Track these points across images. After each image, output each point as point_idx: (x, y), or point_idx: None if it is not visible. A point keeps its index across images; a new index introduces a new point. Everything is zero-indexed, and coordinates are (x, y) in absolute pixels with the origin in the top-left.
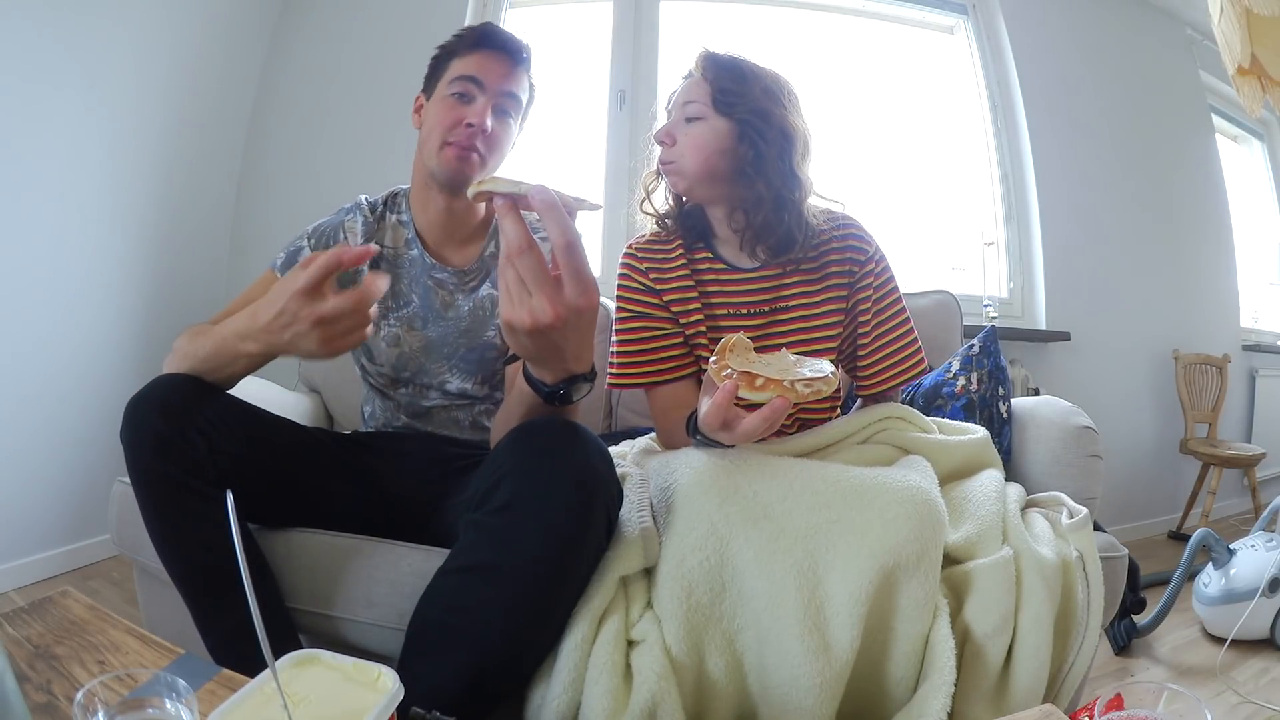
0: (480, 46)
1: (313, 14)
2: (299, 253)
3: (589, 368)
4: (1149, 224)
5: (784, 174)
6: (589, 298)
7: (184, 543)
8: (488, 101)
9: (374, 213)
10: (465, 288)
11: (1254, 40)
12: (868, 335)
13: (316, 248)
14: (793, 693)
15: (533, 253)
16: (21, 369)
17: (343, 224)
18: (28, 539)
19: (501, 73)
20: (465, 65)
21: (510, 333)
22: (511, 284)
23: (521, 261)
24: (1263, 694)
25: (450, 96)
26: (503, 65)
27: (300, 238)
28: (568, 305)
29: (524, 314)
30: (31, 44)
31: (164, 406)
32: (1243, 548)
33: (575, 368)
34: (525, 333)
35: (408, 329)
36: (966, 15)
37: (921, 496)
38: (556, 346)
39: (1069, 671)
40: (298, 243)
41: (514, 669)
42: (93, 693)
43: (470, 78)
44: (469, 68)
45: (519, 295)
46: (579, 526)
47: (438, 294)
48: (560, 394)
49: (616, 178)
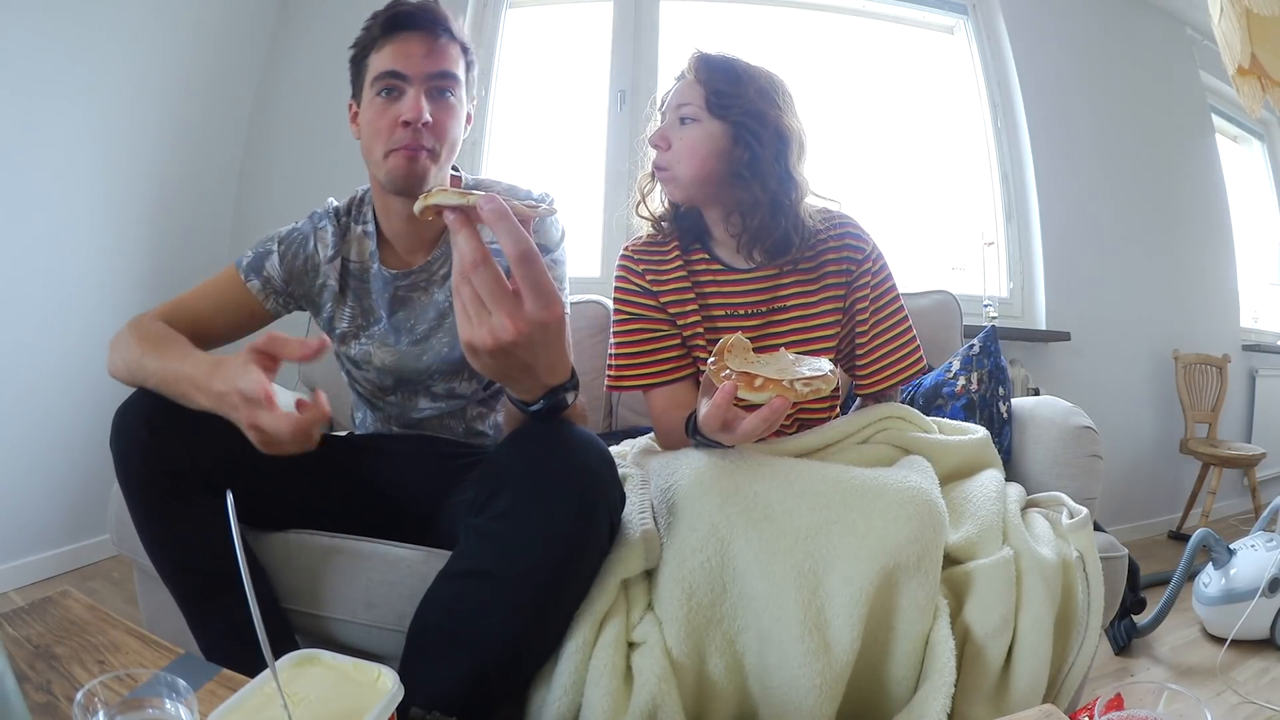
0: (391, 33)
1: (312, 13)
2: (266, 256)
3: (568, 376)
4: (1149, 224)
5: (780, 176)
6: (552, 310)
7: (175, 547)
8: (418, 91)
9: (339, 222)
10: (435, 279)
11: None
12: (865, 334)
13: (285, 255)
14: (793, 693)
15: (488, 267)
16: (21, 369)
17: (315, 233)
18: (28, 539)
19: (422, 54)
20: (382, 60)
21: (473, 355)
22: (468, 302)
23: (478, 277)
24: (1263, 694)
25: (378, 97)
26: (422, 45)
27: (270, 240)
28: (529, 320)
29: (484, 333)
30: (32, 44)
31: (149, 414)
32: (1243, 548)
33: (551, 380)
34: (488, 353)
35: (380, 345)
36: (966, 15)
37: (922, 497)
38: (525, 364)
39: (1069, 671)
40: (266, 245)
41: (515, 671)
42: (93, 693)
43: (391, 72)
44: (387, 61)
45: (478, 314)
46: (580, 532)
47: (411, 299)
48: (545, 409)
49: (616, 178)
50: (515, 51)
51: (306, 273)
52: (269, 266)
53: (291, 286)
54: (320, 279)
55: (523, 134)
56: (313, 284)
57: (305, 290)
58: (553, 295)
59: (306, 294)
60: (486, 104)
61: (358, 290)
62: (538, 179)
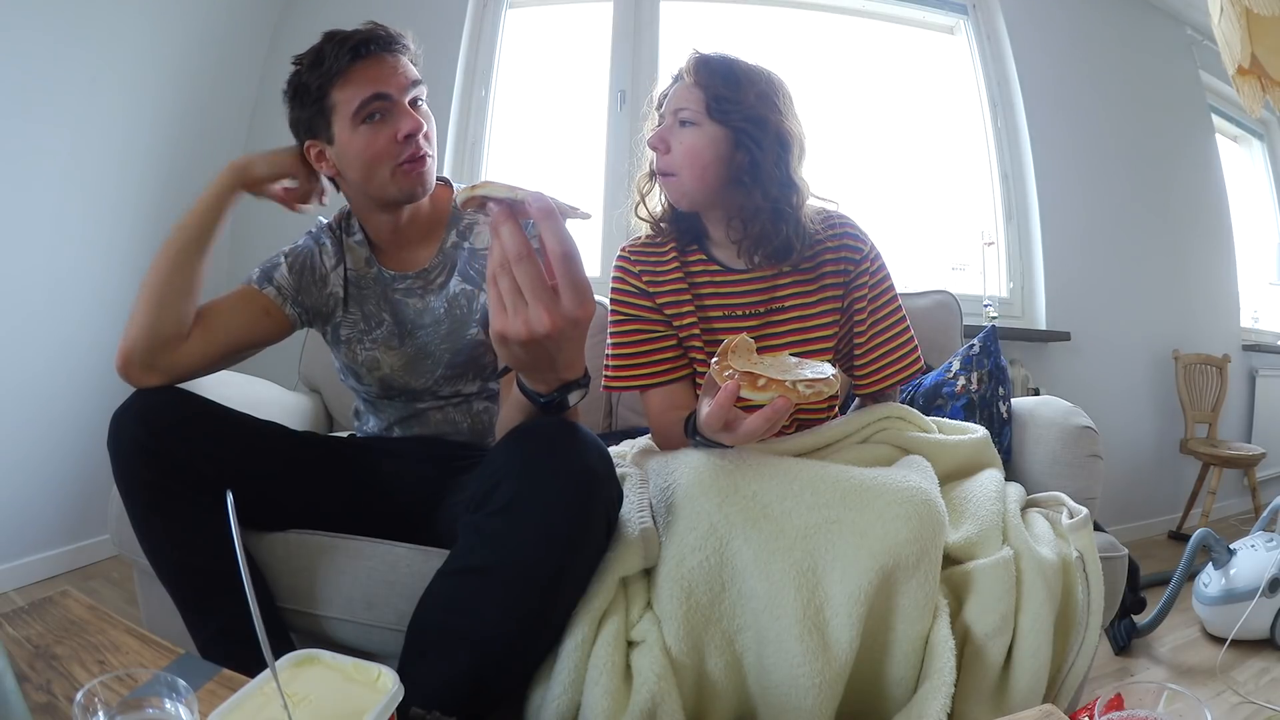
0: (355, 61)
1: (313, 13)
2: (275, 267)
3: (581, 373)
4: (1149, 224)
5: (781, 181)
6: (585, 308)
7: (172, 547)
8: (403, 105)
9: (335, 235)
10: (433, 286)
11: (1254, 40)
12: (864, 335)
13: (294, 266)
14: (792, 693)
15: (532, 261)
16: (21, 368)
17: (318, 247)
18: (28, 539)
19: (391, 71)
20: (356, 89)
21: (502, 343)
22: (506, 293)
23: (520, 270)
24: (1263, 694)
25: (364, 125)
26: (387, 64)
27: (277, 256)
28: (565, 315)
29: (519, 325)
30: (34, 41)
31: (145, 416)
32: (1243, 548)
33: (568, 375)
34: (520, 343)
35: (385, 349)
36: (966, 15)
37: (921, 497)
38: (550, 356)
39: (1069, 671)
40: (274, 260)
41: (514, 669)
42: (93, 693)
43: (375, 96)
44: (364, 88)
45: (515, 305)
46: (578, 528)
47: (408, 304)
48: (556, 403)
49: (616, 178)
50: (515, 51)
51: (315, 284)
52: (279, 276)
53: (301, 296)
54: (328, 288)
55: (523, 134)
56: (321, 293)
57: (314, 301)
58: (588, 294)
59: (315, 305)
60: (487, 104)
61: (359, 296)
62: (538, 179)
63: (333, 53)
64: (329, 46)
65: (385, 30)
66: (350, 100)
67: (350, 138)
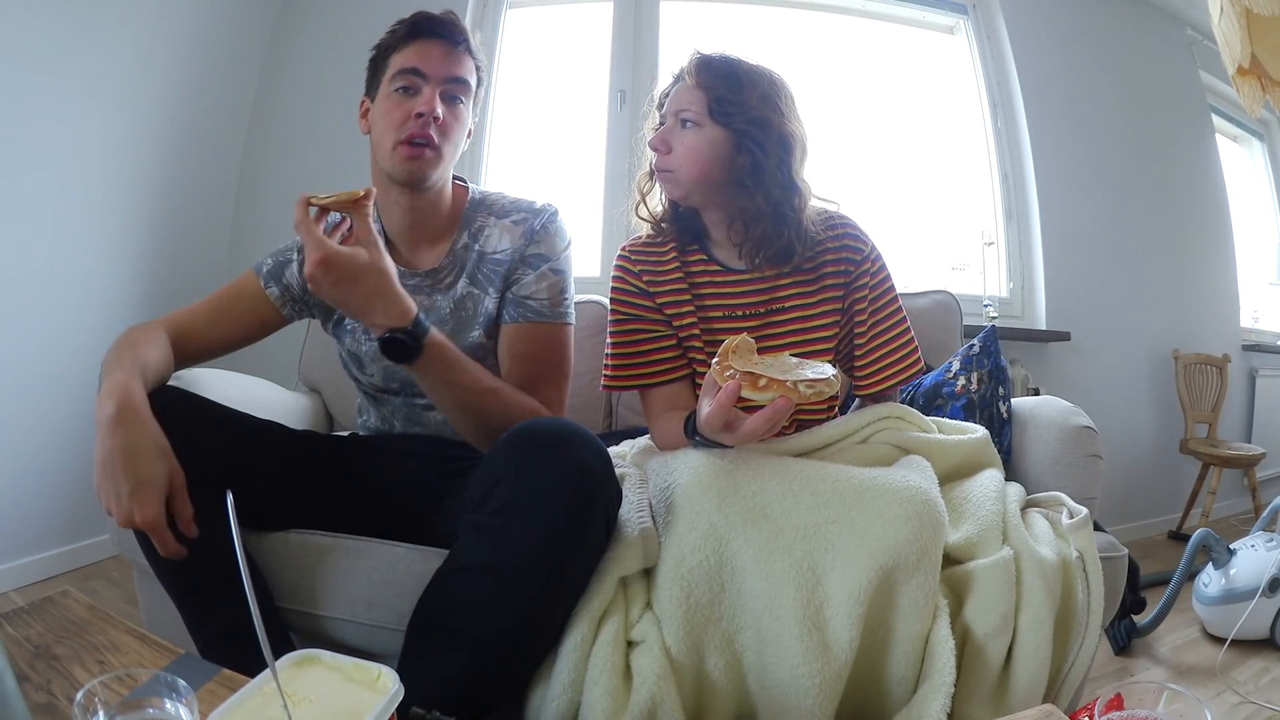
0: (416, 37)
1: (313, 12)
2: (286, 265)
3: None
4: (1149, 224)
5: (783, 184)
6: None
7: None
8: (434, 89)
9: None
10: (440, 286)
11: (1254, 40)
12: (864, 335)
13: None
14: (792, 692)
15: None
16: (21, 368)
17: None
18: (28, 539)
19: (442, 58)
20: (405, 58)
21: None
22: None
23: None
24: (1263, 694)
25: (395, 93)
26: (442, 50)
27: (289, 249)
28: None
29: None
30: (32, 41)
31: None
32: (1243, 548)
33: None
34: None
35: None
36: (966, 15)
37: (921, 497)
38: (344, 299)
39: (1069, 671)
40: (285, 254)
41: (513, 669)
42: (93, 693)
43: (411, 70)
44: (409, 60)
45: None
46: (577, 527)
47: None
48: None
49: (616, 178)
50: (515, 52)
51: None
52: (289, 275)
53: (308, 295)
54: None
55: (523, 134)
56: None
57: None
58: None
59: (321, 302)
60: (487, 104)
61: None
62: (538, 179)
63: (404, 25)
64: (409, 18)
65: (453, 23)
66: (396, 65)
67: (381, 100)
